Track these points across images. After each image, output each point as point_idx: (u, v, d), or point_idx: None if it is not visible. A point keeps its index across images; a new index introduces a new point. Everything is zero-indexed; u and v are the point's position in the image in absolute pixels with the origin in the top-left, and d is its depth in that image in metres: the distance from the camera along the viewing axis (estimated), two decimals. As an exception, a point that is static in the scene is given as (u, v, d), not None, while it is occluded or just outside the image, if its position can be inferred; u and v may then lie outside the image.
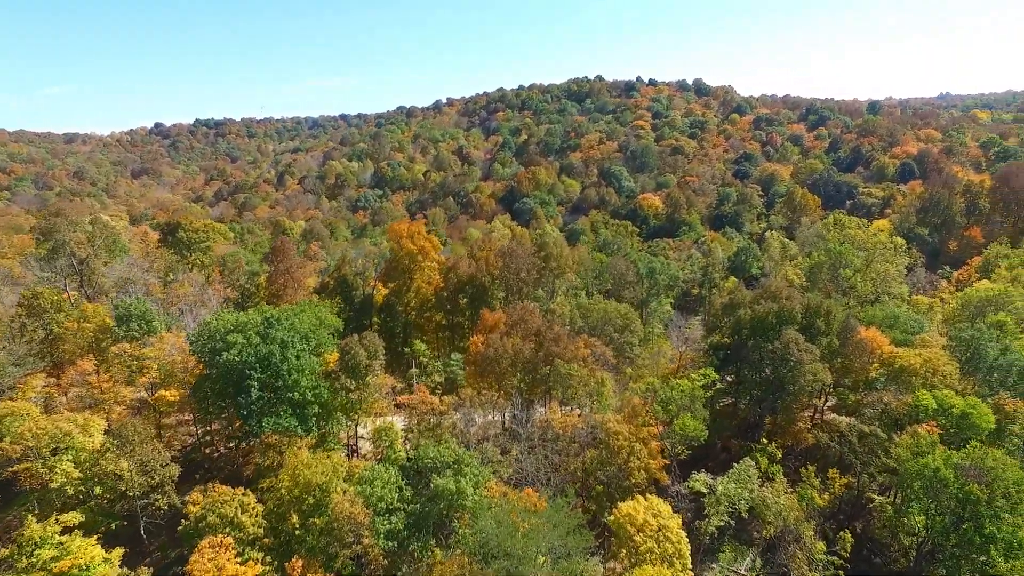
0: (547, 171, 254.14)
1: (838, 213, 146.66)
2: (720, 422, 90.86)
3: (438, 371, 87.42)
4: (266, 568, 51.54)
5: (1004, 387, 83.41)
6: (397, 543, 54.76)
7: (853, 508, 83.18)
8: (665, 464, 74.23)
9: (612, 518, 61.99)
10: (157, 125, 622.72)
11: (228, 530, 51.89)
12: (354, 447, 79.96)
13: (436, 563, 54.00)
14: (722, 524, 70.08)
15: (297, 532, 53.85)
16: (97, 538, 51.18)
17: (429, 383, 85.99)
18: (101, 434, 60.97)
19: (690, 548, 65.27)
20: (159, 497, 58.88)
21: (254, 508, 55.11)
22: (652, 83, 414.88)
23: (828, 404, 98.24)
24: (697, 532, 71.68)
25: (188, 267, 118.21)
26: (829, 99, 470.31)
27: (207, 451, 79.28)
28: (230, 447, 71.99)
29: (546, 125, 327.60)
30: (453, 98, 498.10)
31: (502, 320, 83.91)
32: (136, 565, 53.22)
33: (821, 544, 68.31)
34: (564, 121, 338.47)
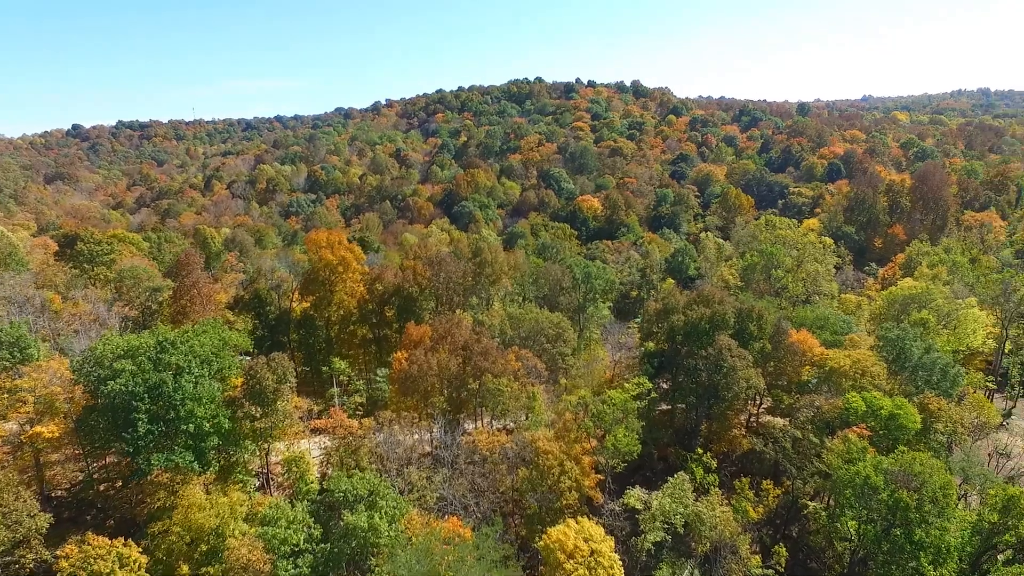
0: (486, 173, 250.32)
1: (770, 214, 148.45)
2: (657, 430, 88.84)
3: (360, 390, 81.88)
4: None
5: (928, 385, 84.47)
6: (303, 591, 49.48)
7: (789, 513, 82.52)
8: (599, 480, 71.34)
9: (542, 544, 58.47)
10: (75, 127, 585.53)
11: (102, 591, 45.46)
12: (268, 476, 73.69)
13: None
14: (659, 540, 67.65)
15: (186, 586, 47.86)
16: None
17: (351, 403, 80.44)
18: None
19: (627, 565, 62.52)
20: (25, 553, 51.56)
21: (136, 561, 48.71)
22: (591, 84, 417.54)
23: (764, 406, 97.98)
24: (634, 549, 69.15)
25: (90, 282, 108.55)
26: (761, 100, 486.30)
27: (101, 488, 71.47)
28: (120, 486, 64.71)
29: (486, 127, 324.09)
30: (392, 99, 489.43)
31: (427, 334, 79.21)
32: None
33: (757, 558, 66.70)
34: (504, 123, 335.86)
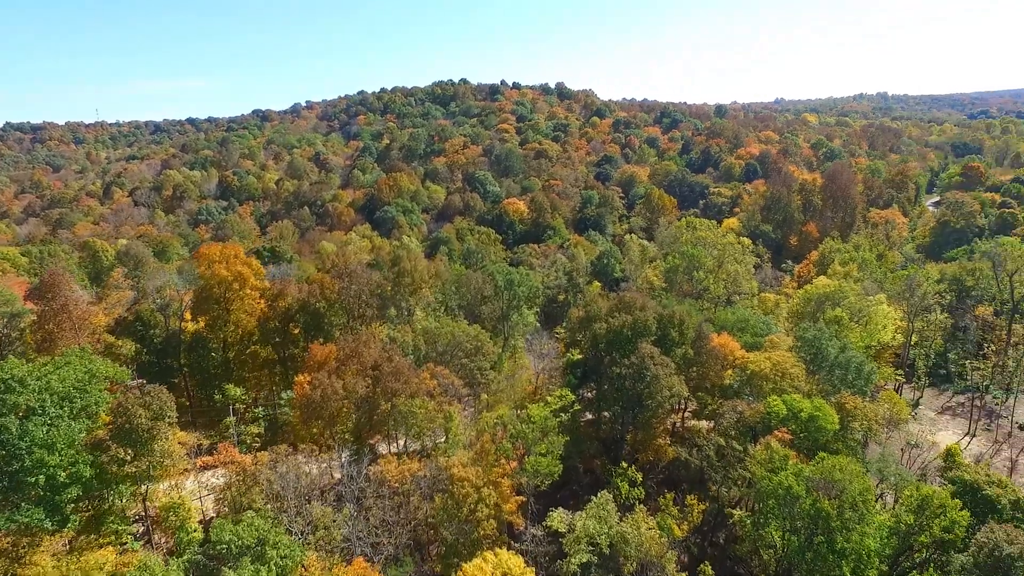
0: (410, 177, 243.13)
1: (691, 215, 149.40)
2: (582, 443, 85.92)
3: (259, 419, 74.59)
4: None
5: (844, 384, 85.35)
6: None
7: (716, 519, 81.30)
8: (522, 502, 67.33)
9: (457, 582, 53.80)
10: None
11: None
12: (151, 523, 65.35)
13: None
14: (584, 561, 64.24)
15: None
16: None
17: (248, 433, 73.01)
18: None
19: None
20: None
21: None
22: (516, 86, 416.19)
23: (690, 409, 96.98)
24: (559, 573, 65.59)
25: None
26: (682, 103, 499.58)
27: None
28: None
29: (410, 129, 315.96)
30: (313, 101, 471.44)
31: (333, 354, 72.88)
32: None
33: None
34: (428, 125, 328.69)
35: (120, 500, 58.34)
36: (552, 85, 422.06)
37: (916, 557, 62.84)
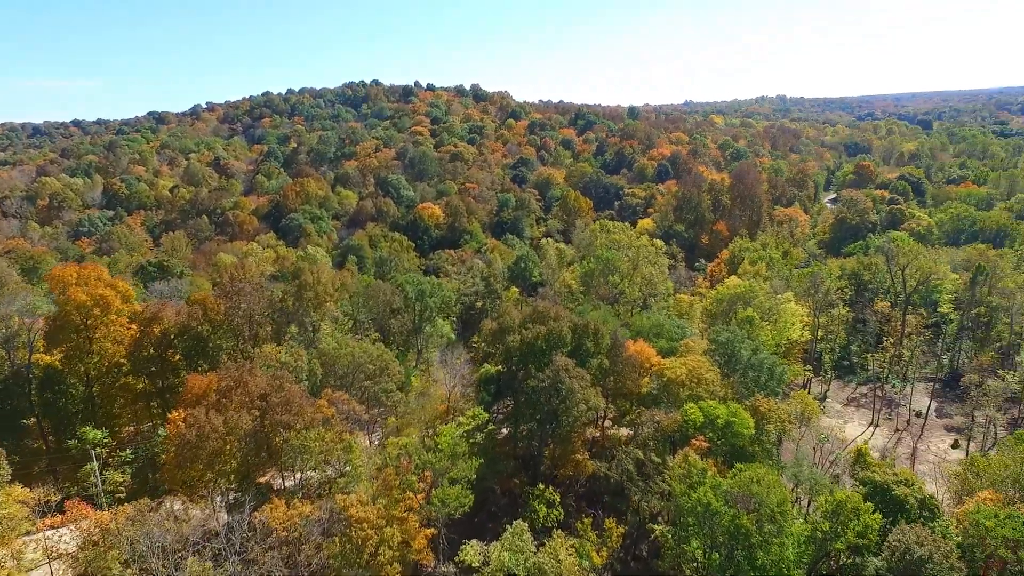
0: (319, 182, 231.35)
1: (606, 217, 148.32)
2: (498, 462, 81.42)
3: (128, 464, 65.23)
4: None
5: (758, 385, 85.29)
6: None
7: (638, 532, 78.87)
8: (432, 535, 61.86)
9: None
10: None
11: None
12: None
13: None
14: (502, 594, 59.62)
15: None
16: None
17: (112, 482, 63.56)
18: None
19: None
20: None
21: None
22: (430, 88, 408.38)
23: (610, 415, 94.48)
24: (476, 608, 60.73)
25: None
26: (596, 105, 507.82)
27: None
28: None
29: (319, 132, 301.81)
30: (215, 103, 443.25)
31: (214, 385, 64.66)
32: None
33: (605, 603, 60.95)
34: (339, 128, 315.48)
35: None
36: (467, 87, 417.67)
37: (833, 563, 62.42)
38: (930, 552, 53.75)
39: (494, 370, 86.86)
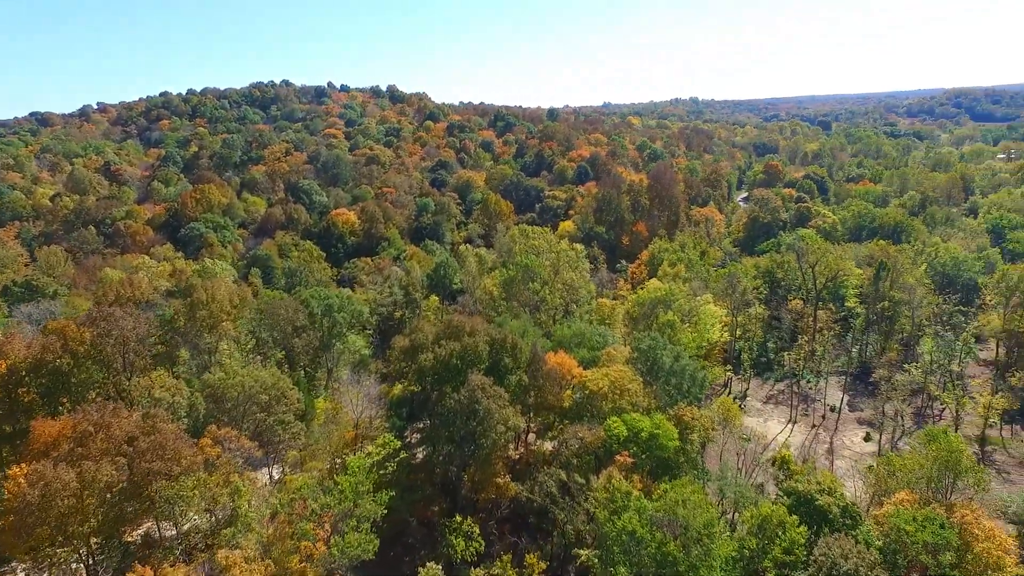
0: (222, 189, 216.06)
1: (527, 221, 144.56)
2: (414, 490, 75.52)
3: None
4: None
5: (680, 393, 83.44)
6: None
7: (565, 554, 74.98)
8: (337, 586, 55.31)
9: None
10: None
11: None
12: None
13: None
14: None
15: None
16: None
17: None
18: None
19: None
20: None
21: None
22: (344, 89, 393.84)
23: (533, 429, 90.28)
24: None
25: None
26: (517, 106, 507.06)
27: None
28: None
29: (223, 135, 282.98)
30: (107, 104, 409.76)
31: (67, 431, 55.27)
32: None
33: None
34: (246, 130, 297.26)
35: None
36: (383, 88, 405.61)
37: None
38: (856, 565, 52.40)
39: (407, 390, 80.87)
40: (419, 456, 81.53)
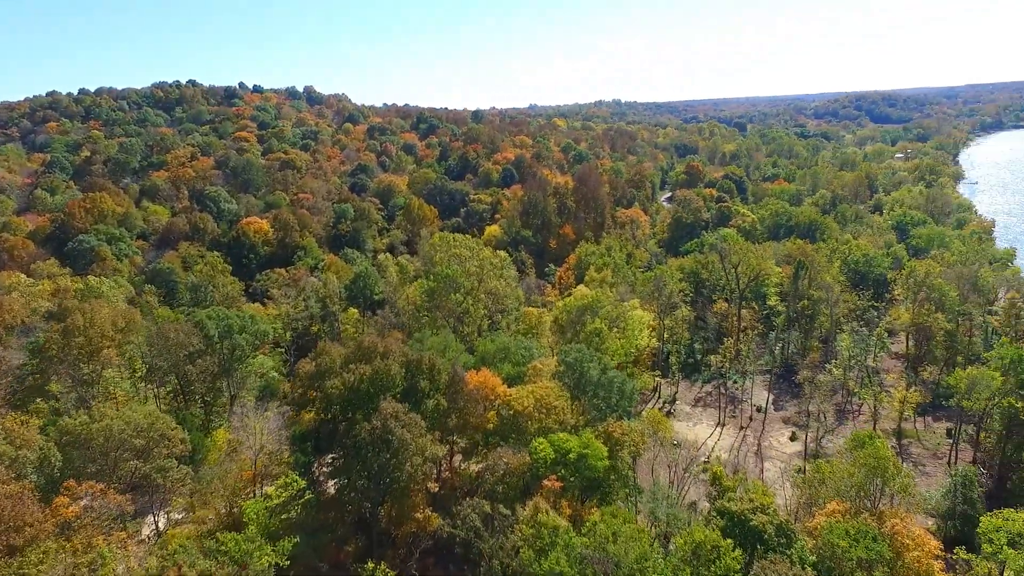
0: (118, 197, 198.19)
1: (447, 231, 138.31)
2: (324, 532, 68.26)
3: None
4: None
5: (609, 406, 79.98)
6: None
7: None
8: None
9: None
10: None
11: None
12: None
13: None
14: None
15: None
16: None
17: None
18: None
19: None
20: None
21: None
22: (258, 90, 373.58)
23: (459, 449, 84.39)
24: None
25: None
26: (443, 108, 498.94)
27: None
28: None
29: (120, 139, 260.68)
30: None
31: None
32: None
33: None
34: (147, 134, 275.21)
35: None
36: (300, 89, 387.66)
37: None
38: (793, 590, 49.75)
39: (314, 420, 73.31)
40: (331, 489, 74.14)
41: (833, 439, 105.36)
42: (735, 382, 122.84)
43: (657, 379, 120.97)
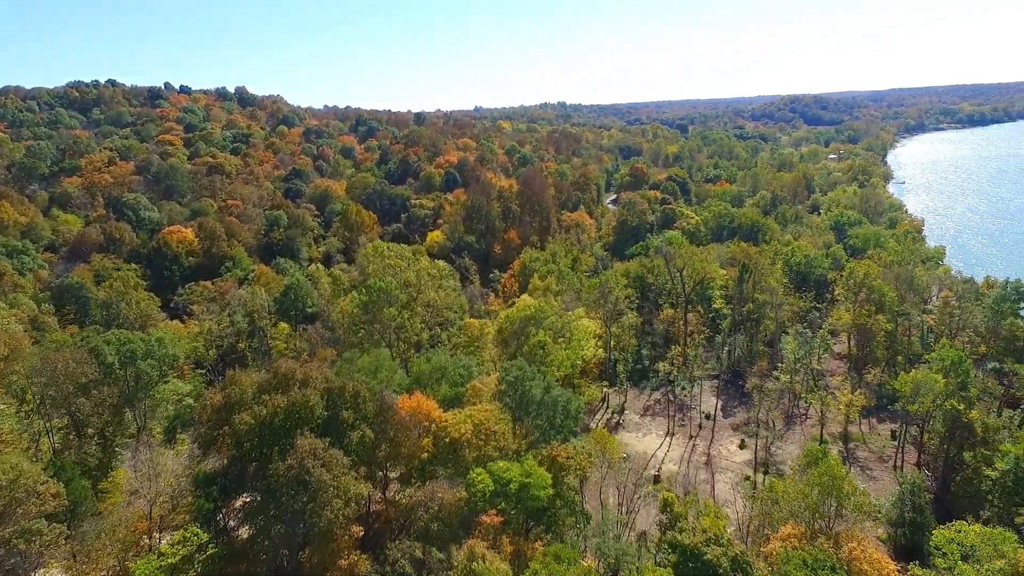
0: (22, 205, 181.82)
1: (378, 241, 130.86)
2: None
3: None
4: None
5: (553, 428, 74.99)
6: None
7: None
8: None
9: None
10: None
11: None
12: None
13: None
14: None
15: None
16: None
17: None
18: None
19: None
20: None
21: None
22: (185, 91, 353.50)
23: (394, 475, 77.49)
24: None
25: None
26: (387, 111, 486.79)
27: None
28: None
29: (29, 141, 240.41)
30: None
31: None
32: None
33: None
34: (59, 136, 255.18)
35: None
36: (231, 90, 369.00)
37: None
38: (751, 633, 45.58)
39: (225, 457, 65.30)
40: (244, 535, 66.21)
41: (783, 445, 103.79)
42: (684, 389, 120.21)
43: (605, 389, 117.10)
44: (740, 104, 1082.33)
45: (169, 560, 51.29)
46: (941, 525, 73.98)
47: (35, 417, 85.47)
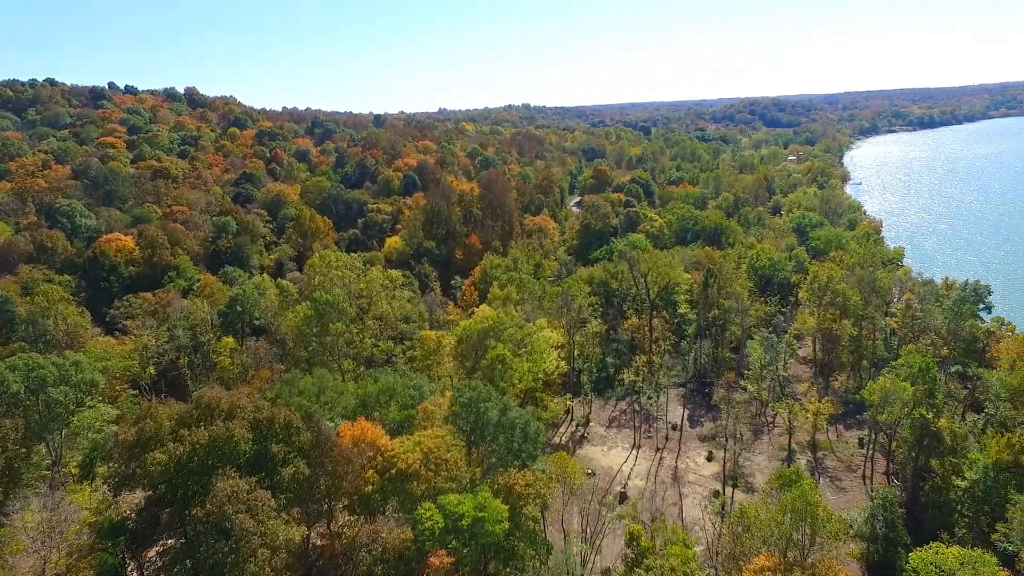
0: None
1: (325, 251, 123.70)
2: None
3: None
4: None
5: (511, 454, 69.53)
6: None
7: None
8: None
9: None
10: None
11: None
12: None
13: None
14: None
15: None
16: None
17: None
18: None
19: None
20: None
21: None
22: (130, 91, 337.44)
23: (341, 505, 70.98)
24: None
25: None
26: (347, 112, 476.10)
27: None
28: None
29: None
30: None
31: None
32: None
33: None
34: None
35: None
36: (181, 90, 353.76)
37: None
38: None
39: (142, 500, 58.15)
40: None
41: (751, 456, 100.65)
42: (650, 399, 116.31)
43: (569, 401, 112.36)
44: (702, 106, 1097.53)
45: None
46: (913, 538, 71.88)
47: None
